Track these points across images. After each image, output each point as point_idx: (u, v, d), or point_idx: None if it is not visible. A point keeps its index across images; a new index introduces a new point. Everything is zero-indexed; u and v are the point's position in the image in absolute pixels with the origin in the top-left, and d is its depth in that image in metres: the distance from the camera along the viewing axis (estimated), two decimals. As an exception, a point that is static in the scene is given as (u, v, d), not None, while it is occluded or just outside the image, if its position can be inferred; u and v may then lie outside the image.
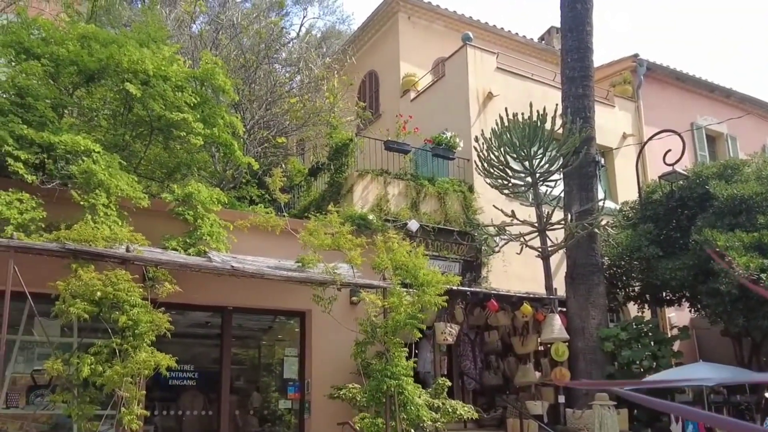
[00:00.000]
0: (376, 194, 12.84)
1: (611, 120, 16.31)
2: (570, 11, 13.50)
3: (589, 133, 12.72)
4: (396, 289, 9.38)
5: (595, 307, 12.35)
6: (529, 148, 12.12)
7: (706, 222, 11.84)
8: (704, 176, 12.68)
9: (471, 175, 13.79)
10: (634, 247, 12.55)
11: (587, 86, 13.16)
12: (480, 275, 13.31)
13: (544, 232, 12.33)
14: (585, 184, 12.78)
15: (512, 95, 14.65)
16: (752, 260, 10.64)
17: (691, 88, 18.40)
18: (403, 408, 9.01)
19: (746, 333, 12.38)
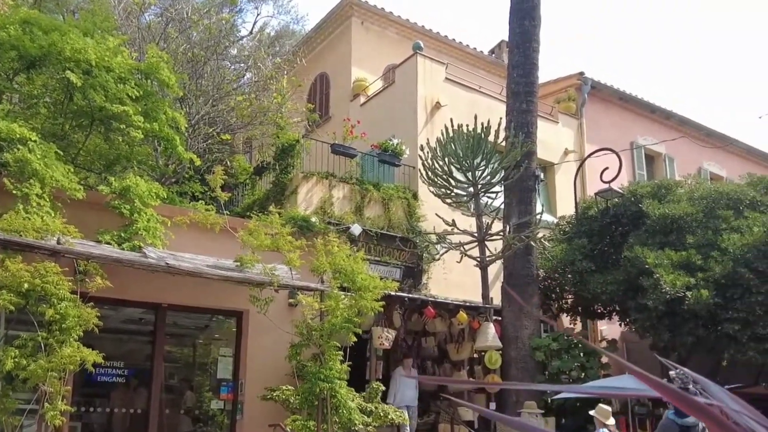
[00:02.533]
0: (321, 197, 12.88)
1: (554, 136, 16.71)
2: (518, 27, 13.81)
3: (530, 148, 13.03)
4: (334, 293, 9.44)
5: (528, 317, 12.63)
6: (472, 159, 12.34)
7: (638, 239, 12.25)
8: (639, 195, 13.12)
9: (416, 183, 13.95)
10: (568, 261, 12.89)
11: (531, 102, 13.48)
12: (420, 282, 13.47)
13: (483, 242, 12.56)
14: (524, 198, 13.08)
15: (459, 106, 14.88)
16: (679, 278, 11.07)
17: (633, 108, 18.96)
18: (336, 411, 9.07)
19: (673, 348, 12.86)
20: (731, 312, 10.82)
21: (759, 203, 12.30)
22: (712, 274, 11.03)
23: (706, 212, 12.20)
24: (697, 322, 11.13)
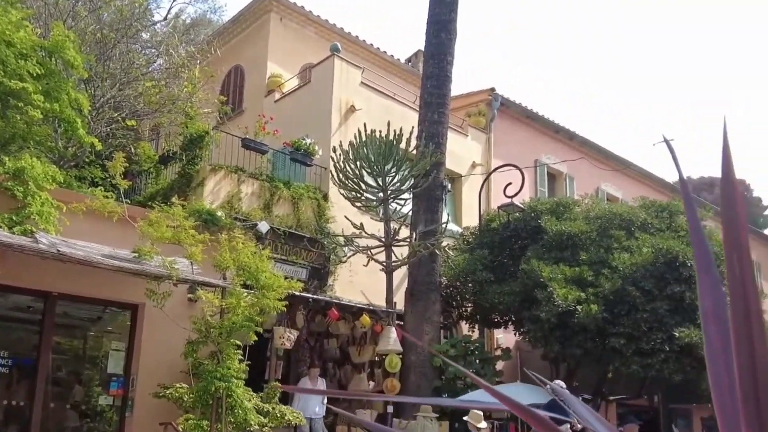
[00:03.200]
0: (228, 191, 12.61)
1: (463, 148, 17.12)
2: (434, 39, 14.09)
3: (440, 159, 13.30)
4: (236, 290, 9.24)
5: (429, 323, 12.87)
6: (383, 165, 12.46)
7: (535, 253, 12.75)
8: (538, 211, 13.67)
9: (327, 184, 13.91)
10: (469, 270, 13.24)
11: (443, 113, 13.77)
12: (326, 283, 13.44)
13: (390, 247, 12.69)
14: (431, 206, 13.33)
15: (373, 111, 14.98)
16: (571, 292, 11.60)
17: (539, 127, 19.72)
18: (231, 411, 8.86)
19: (563, 358, 13.44)
20: (618, 327, 11.42)
21: (649, 225, 13.06)
22: (602, 290, 11.61)
23: (599, 231, 12.85)
24: (586, 335, 11.68)
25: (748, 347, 0.82)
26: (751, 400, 0.82)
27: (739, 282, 0.84)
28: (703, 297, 0.95)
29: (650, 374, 11.74)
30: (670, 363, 11.21)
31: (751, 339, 0.83)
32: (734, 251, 0.85)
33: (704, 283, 0.96)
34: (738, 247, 0.85)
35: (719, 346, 0.90)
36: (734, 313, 0.87)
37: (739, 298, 0.84)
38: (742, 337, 0.83)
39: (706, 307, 0.94)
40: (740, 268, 0.84)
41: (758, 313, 0.83)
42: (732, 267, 0.85)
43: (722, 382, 0.87)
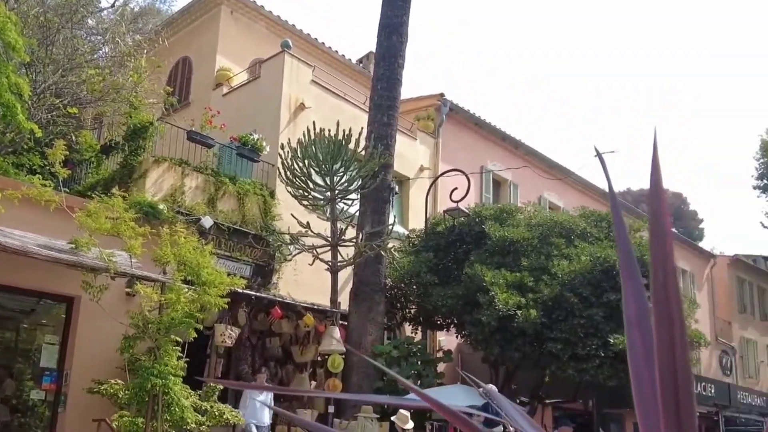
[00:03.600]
0: (172, 184, 12.37)
1: (411, 151, 17.23)
2: (386, 41, 14.15)
3: (388, 160, 13.37)
4: (176, 285, 9.07)
5: (373, 323, 12.91)
6: (331, 164, 12.43)
7: (479, 258, 12.94)
8: (483, 216, 13.87)
9: (274, 181, 13.79)
10: (414, 273, 13.34)
11: (392, 116, 13.84)
12: (270, 281, 13.33)
13: (336, 247, 12.67)
14: (379, 208, 13.37)
15: (323, 110, 14.94)
16: (511, 297, 11.81)
17: (486, 134, 19.99)
18: (167, 409, 8.70)
19: (502, 361, 13.66)
20: (555, 332, 11.68)
21: (588, 234, 13.40)
22: (541, 295, 11.86)
23: (541, 238, 13.13)
24: (525, 339, 11.91)
25: (669, 353, 0.86)
26: (671, 405, 0.85)
27: (663, 289, 0.88)
28: (628, 303, 0.99)
29: (585, 379, 12.04)
30: (604, 368, 11.51)
31: (673, 345, 0.86)
32: (659, 259, 0.89)
33: (629, 289, 1.00)
34: (663, 256, 0.89)
35: (642, 351, 0.94)
36: (657, 319, 0.90)
37: (663, 305, 0.88)
38: (664, 343, 0.86)
39: (630, 313, 0.98)
40: (664, 275, 0.87)
41: (680, 320, 0.87)
42: (657, 274, 0.89)
43: (644, 386, 0.91)
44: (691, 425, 0.84)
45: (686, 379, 0.85)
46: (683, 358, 0.87)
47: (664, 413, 0.87)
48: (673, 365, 0.86)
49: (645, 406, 0.90)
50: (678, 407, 0.86)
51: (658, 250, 0.88)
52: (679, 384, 0.85)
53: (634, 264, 1.01)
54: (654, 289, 0.88)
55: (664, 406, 0.87)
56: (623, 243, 1.03)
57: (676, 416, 0.86)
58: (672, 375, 0.86)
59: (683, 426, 0.85)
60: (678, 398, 0.85)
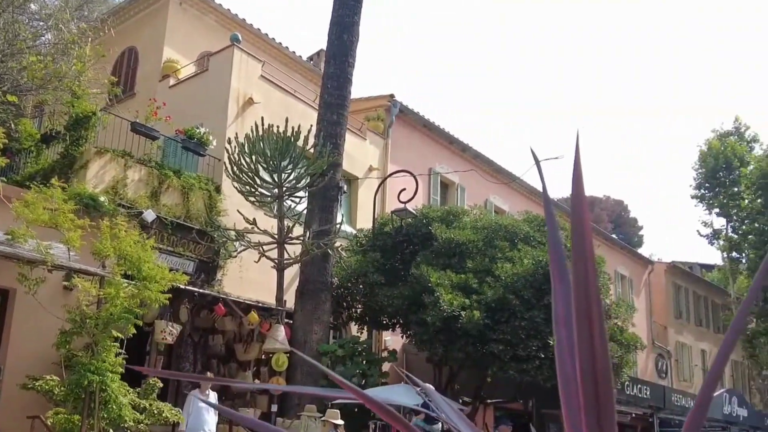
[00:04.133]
0: (114, 176, 12.08)
1: (361, 151, 17.24)
2: (336, 39, 14.13)
3: (337, 159, 13.35)
4: (116, 280, 8.87)
5: (319, 322, 12.87)
6: (279, 160, 12.33)
7: (425, 259, 13.05)
8: (430, 218, 14.00)
9: (220, 176, 13.61)
10: (361, 272, 13.37)
11: (342, 115, 13.82)
12: (214, 277, 13.14)
13: (282, 244, 12.59)
14: (326, 206, 13.33)
15: (272, 106, 14.82)
16: (456, 298, 11.95)
17: (435, 136, 20.15)
18: (105, 406, 8.50)
19: (446, 362, 13.80)
20: (498, 333, 11.87)
21: (531, 238, 13.66)
22: (485, 297, 12.03)
23: (486, 241, 13.32)
24: (468, 339, 12.06)
25: (589, 349, 0.89)
26: (591, 397, 0.89)
27: (584, 290, 0.91)
28: (556, 303, 1.03)
29: (525, 379, 12.26)
30: (544, 369, 11.75)
31: (593, 341, 0.90)
32: (581, 262, 0.92)
33: (558, 290, 1.03)
34: (584, 258, 0.92)
35: (567, 348, 0.98)
36: (578, 318, 0.94)
37: (584, 304, 0.91)
38: (584, 339, 0.90)
39: (558, 312, 1.02)
40: (586, 277, 0.91)
41: (600, 319, 0.91)
42: (578, 276, 0.92)
43: (569, 380, 0.95)
44: (610, 416, 0.88)
45: (605, 372, 0.88)
46: (602, 352, 0.90)
47: (585, 404, 0.91)
48: (592, 360, 0.89)
49: (569, 397, 0.94)
50: (597, 397, 0.89)
51: (580, 254, 0.92)
52: (599, 377, 0.89)
53: (564, 266, 1.05)
54: (576, 290, 0.92)
55: (584, 396, 0.91)
56: (555, 245, 1.07)
57: (595, 406, 0.90)
58: (591, 368, 0.89)
59: (602, 414, 0.89)
60: (597, 389, 0.89)
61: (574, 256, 0.93)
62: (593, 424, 0.88)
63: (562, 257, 1.05)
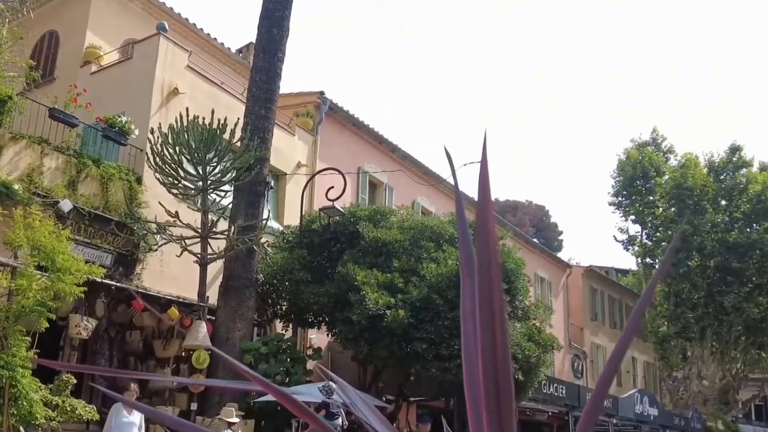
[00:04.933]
0: (29, 163, 11.58)
1: (289, 147, 17.10)
2: (266, 33, 13.98)
3: (264, 154, 13.20)
4: (28, 271, 8.50)
5: (242, 319, 12.71)
6: (204, 153, 12.10)
7: (352, 257, 13.08)
8: (357, 216, 14.03)
9: (142, 167, 13.24)
10: (287, 269, 13.27)
11: (270, 109, 13.68)
12: (133, 271, 12.79)
13: (206, 239, 12.36)
14: (253, 201, 13.17)
15: (198, 97, 14.52)
16: (382, 297, 12.03)
17: (364, 135, 20.21)
18: (15, 402, 8.14)
19: (370, 360, 13.86)
20: (422, 332, 12.01)
21: (456, 239, 13.87)
22: (410, 296, 12.16)
23: (412, 241, 13.46)
24: (393, 338, 12.16)
25: (491, 340, 0.93)
26: (492, 385, 0.93)
27: (488, 285, 0.95)
28: (464, 298, 1.06)
29: (447, 378, 12.44)
30: (464, 369, 11.93)
31: (494, 333, 0.94)
32: (485, 259, 0.95)
33: (466, 286, 1.07)
34: (488, 256, 0.96)
35: (472, 341, 1.01)
36: (481, 311, 0.97)
37: (487, 299, 0.95)
38: (486, 331, 0.93)
39: (465, 306, 1.05)
40: (489, 272, 0.95)
41: (501, 313, 0.95)
42: (482, 271, 0.96)
43: (473, 370, 0.98)
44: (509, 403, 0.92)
45: (504, 363, 0.92)
46: (503, 344, 0.94)
47: (486, 392, 0.94)
48: (493, 349, 0.93)
49: (473, 387, 0.98)
50: (497, 385, 0.93)
51: (484, 252, 0.95)
52: (499, 367, 0.93)
53: (473, 262, 1.08)
54: (479, 284, 0.95)
55: (485, 385, 0.94)
56: (465, 243, 1.10)
57: (495, 395, 0.94)
58: (493, 358, 0.93)
59: (501, 402, 0.93)
60: (497, 378, 0.93)
61: (479, 252, 0.97)
62: (493, 409, 0.91)
63: (471, 254, 1.08)
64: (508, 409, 0.91)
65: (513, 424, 0.91)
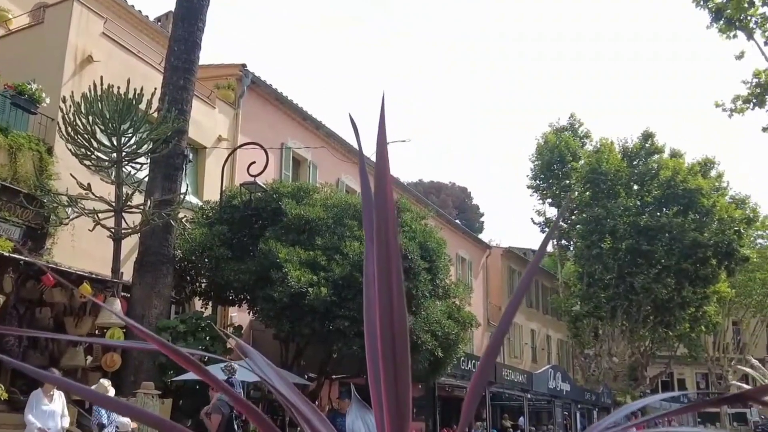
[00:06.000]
0: (-71, 132, 10.82)
1: (210, 120, 16.65)
2: (186, 1, 13.54)
3: (182, 126, 12.82)
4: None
5: (159, 297, 12.42)
6: (119, 123, 11.67)
7: (274, 234, 12.92)
8: (280, 193, 13.85)
9: (53, 137, 12.63)
10: (206, 246, 13.00)
11: (189, 80, 13.29)
12: (43, 246, 12.25)
13: (120, 213, 11.97)
14: (170, 175, 12.81)
15: (114, 66, 13.92)
16: (304, 275, 11.96)
17: (288, 111, 19.87)
18: None
19: (293, 338, 13.78)
20: (344, 310, 12.04)
21: (380, 217, 13.93)
22: (332, 274, 12.15)
23: (335, 219, 13.41)
24: (315, 316, 12.15)
25: (389, 303, 0.91)
26: (389, 347, 0.91)
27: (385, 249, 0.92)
28: (368, 264, 1.04)
29: (368, 355, 12.55)
30: (385, 345, 12.04)
31: (391, 296, 0.91)
32: (382, 226, 0.93)
33: (369, 251, 1.04)
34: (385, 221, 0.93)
35: (374, 305, 0.99)
36: (380, 276, 0.95)
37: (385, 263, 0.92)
38: (384, 295, 0.91)
39: (368, 272, 1.02)
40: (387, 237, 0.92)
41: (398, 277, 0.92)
42: (380, 236, 0.93)
43: (372, 334, 0.96)
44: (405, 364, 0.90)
45: (401, 325, 0.91)
46: (399, 308, 0.92)
47: (383, 353, 0.93)
48: (390, 312, 0.91)
49: (372, 350, 0.96)
50: (394, 349, 0.92)
51: (381, 213, 0.93)
52: (395, 330, 0.91)
53: (374, 227, 1.05)
54: (377, 248, 0.93)
55: (383, 346, 0.93)
56: (368, 210, 1.07)
57: (392, 355, 0.92)
58: (390, 320, 0.92)
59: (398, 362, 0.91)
60: (395, 342, 0.91)
61: (377, 217, 0.94)
62: (390, 370, 0.89)
63: (373, 219, 1.05)
64: (404, 368, 0.90)
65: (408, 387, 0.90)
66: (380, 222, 0.93)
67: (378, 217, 0.93)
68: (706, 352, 41.00)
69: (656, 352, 36.77)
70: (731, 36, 16.33)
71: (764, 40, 16.14)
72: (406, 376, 0.92)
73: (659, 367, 38.17)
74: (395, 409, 0.90)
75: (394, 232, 0.92)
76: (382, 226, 0.92)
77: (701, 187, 31.39)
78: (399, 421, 0.90)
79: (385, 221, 0.91)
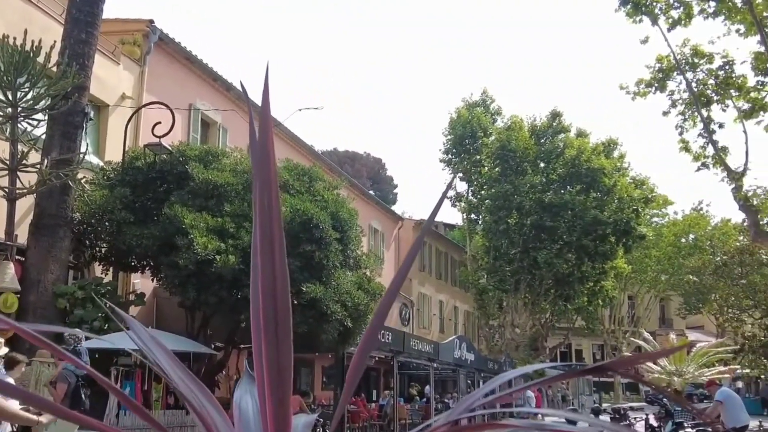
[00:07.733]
0: None
1: (113, 77, 15.82)
2: None
3: (83, 82, 12.17)
4: None
5: (56, 261, 11.90)
6: (15, 77, 10.97)
7: (180, 199, 12.55)
8: (187, 156, 13.43)
9: (-62, 89, 11.65)
10: (107, 209, 12.49)
11: (92, 34, 12.58)
12: (-74, 207, 11.38)
13: (15, 172, 11.34)
14: (69, 133, 12.18)
15: (9, 15, 12.97)
16: (211, 242, 11.71)
17: (197, 71, 19.06)
18: None
19: (198, 306, 13.50)
20: (252, 278, 11.86)
21: (291, 186, 13.77)
22: (241, 242, 11.96)
23: (245, 185, 13.13)
24: (223, 284, 11.95)
25: (271, 270, 0.88)
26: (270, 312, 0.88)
27: (268, 215, 0.89)
28: (255, 230, 1.00)
29: (277, 324, 12.47)
30: (296, 315, 11.99)
31: (274, 264, 0.88)
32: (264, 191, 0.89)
33: (259, 218, 1.00)
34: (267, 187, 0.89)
35: (259, 274, 0.95)
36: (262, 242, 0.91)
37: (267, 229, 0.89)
38: (267, 261, 0.87)
39: (255, 240, 0.98)
40: (269, 203, 0.88)
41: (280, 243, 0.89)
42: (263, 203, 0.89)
43: (256, 301, 0.93)
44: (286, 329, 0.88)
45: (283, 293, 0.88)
46: (281, 273, 0.90)
47: (265, 319, 0.90)
48: (273, 278, 0.89)
49: (256, 318, 0.93)
50: (276, 315, 0.90)
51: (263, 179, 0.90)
52: (277, 298, 0.88)
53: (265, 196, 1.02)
54: (260, 215, 0.89)
55: (264, 312, 0.90)
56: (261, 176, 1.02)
57: (274, 322, 0.90)
58: (272, 286, 0.89)
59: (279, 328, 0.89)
60: (276, 306, 0.89)
61: (258, 182, 0.91)
62: (272, 341, 0.87)
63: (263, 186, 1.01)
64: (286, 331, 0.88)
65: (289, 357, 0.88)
66: (263, 192, 0.89)
67: (260, 188, 0.89)
68: (603, 324, 43.29)
69: (556, 324, 38.52)
70: (637, 21, 17.00)
71: (667, 27, 16.90)
72: (287, 346, 0.89)
73: (558, 338, 40.04)
74: (276, 380, 0.88)
75: (277, 204, 0.89)
76: (265, 196, 0.88)
77: (604, 167, 32.79)
78: (280, 391, 0.88)
79: (268, 192, 0.87)
